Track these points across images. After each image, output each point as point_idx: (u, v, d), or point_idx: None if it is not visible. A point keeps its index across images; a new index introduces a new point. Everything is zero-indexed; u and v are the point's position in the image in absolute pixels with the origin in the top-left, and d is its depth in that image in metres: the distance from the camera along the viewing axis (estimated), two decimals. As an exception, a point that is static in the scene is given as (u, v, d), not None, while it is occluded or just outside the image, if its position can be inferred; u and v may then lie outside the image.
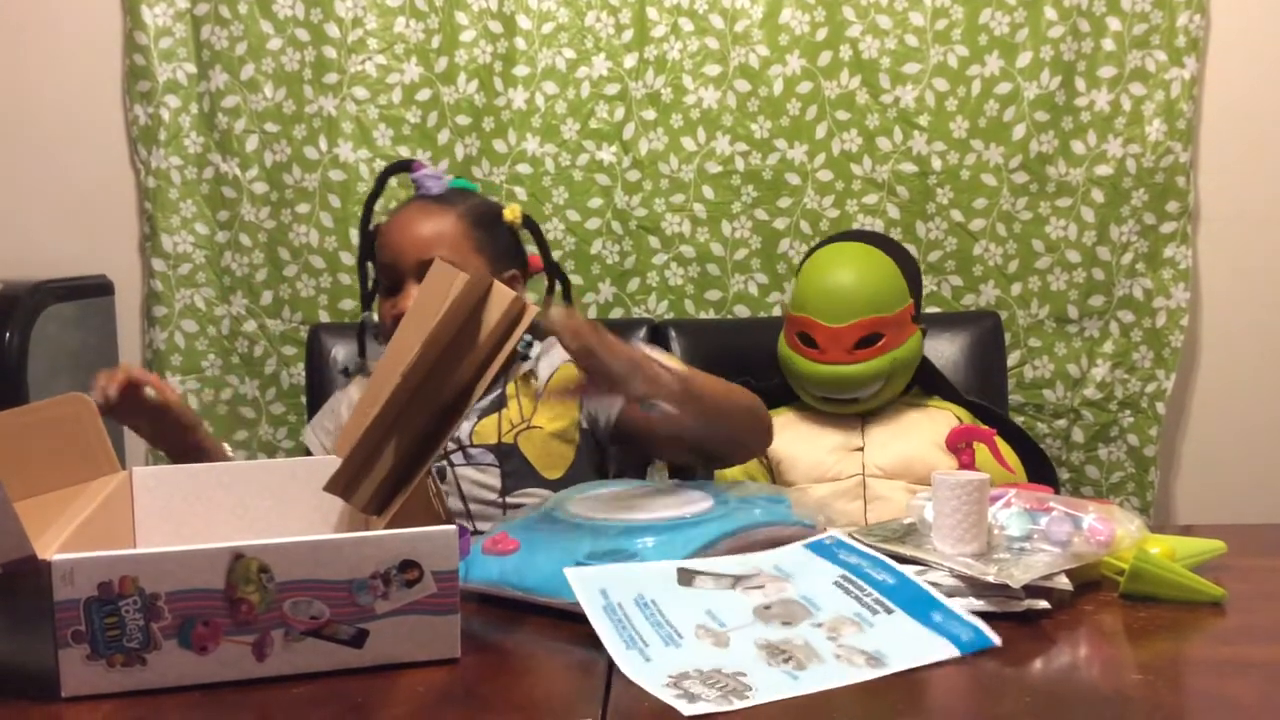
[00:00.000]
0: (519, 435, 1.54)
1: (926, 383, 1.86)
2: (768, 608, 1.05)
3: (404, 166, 1.61)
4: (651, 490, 1.34)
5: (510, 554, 1.19)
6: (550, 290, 1.68)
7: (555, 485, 1.54)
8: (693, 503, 1.25)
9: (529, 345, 1.60)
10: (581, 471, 1.57)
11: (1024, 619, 1.09)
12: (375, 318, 1.61)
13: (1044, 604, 1.11)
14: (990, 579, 1.10)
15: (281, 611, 0.96)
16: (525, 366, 1.59)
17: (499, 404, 1.57)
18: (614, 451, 1.62)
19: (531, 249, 1.68)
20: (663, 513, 1.22)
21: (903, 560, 1.17)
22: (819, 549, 1.17)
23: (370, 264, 1.63)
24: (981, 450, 1.58)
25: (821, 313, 1.72)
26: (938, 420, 1.77)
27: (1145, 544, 1.18)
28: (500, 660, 1.05)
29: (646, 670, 0.94)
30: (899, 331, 1.73)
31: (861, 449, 1.75)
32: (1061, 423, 2.28)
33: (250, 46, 2.22)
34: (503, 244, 1.60)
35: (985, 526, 1.18)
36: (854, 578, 1.10)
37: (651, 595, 1.06)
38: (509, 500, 1.54)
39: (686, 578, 1.10)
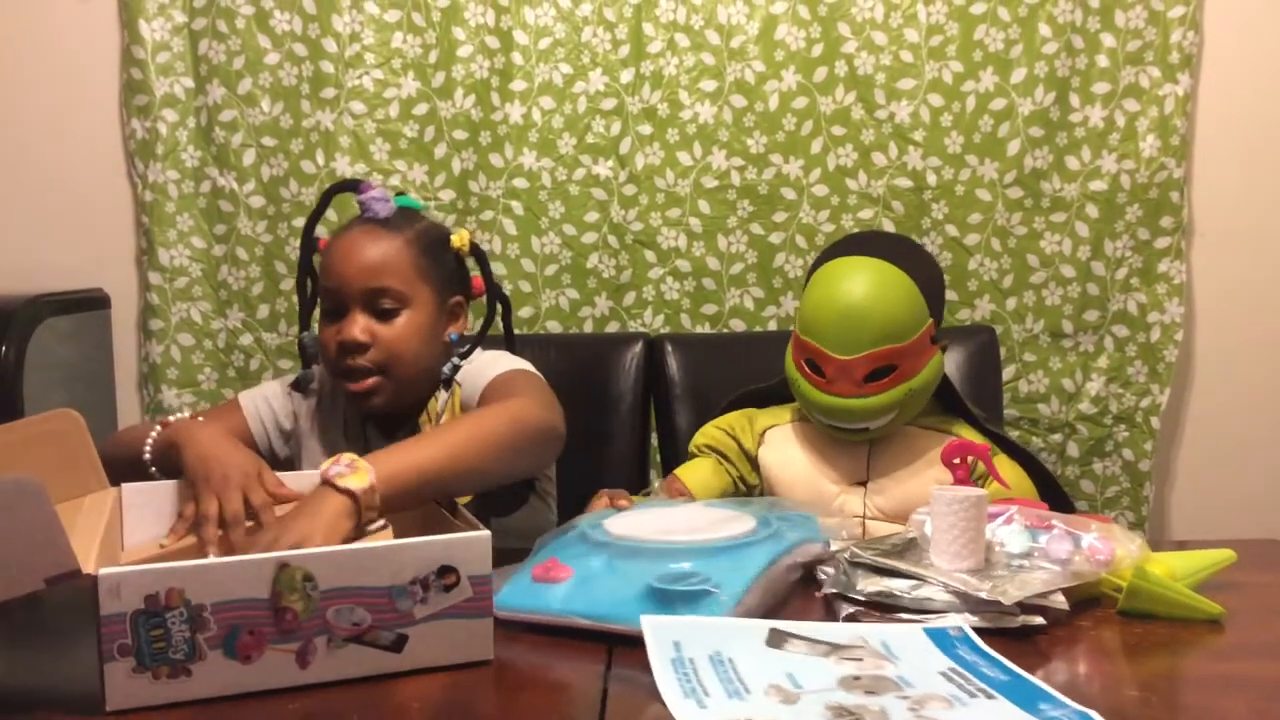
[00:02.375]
0: None
1: (944, 399, 1.70)
2: (856, 678, 0.98)
3: (351, 186, 1.55)
4: (685, 509, 1.32)
5: (564, 581, 1.15)
6: (491, 314, 1.62)
7: (465, 508, 1.50)
8: (734, 521, 1.24)
9: (455, 369, 1.53)
10: (488, 496, 1.51)
11: (1019, 635, 1.09)
12: (308, 339, 1.56)
13: (1039, 620, 1.11)
14: (984, 595, 1.10)
15: (325, 619, 0.97)
16: (443, 396, 1.55)
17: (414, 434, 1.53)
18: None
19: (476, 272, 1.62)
20: (710, 534, 1.20)
21: (898, 575, 1.17)
22: (937, 637, 1.07)
23: (309, 282, 1.57)
24: (977, 466, 1.56)
25: (829, 342, 1.54)
26: None
27: (1146, 563, 1.18)
28: (492, 676, 1.05)
29: (699, 714, 0.91)
30: (915, 360, 1.54)
31: (864, 483, 1.62)
32: (1057, 437, 2.29)
33: (248, 61, 2.23)
34: (448, 270, 1.55)
35: (983, 543, 1.18)
36: (963, 670, 1.00)
37: (730, 654, 1.01)
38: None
39: (777, 639, 1.05)
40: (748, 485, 1.69)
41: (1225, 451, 2.35)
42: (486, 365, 1.53)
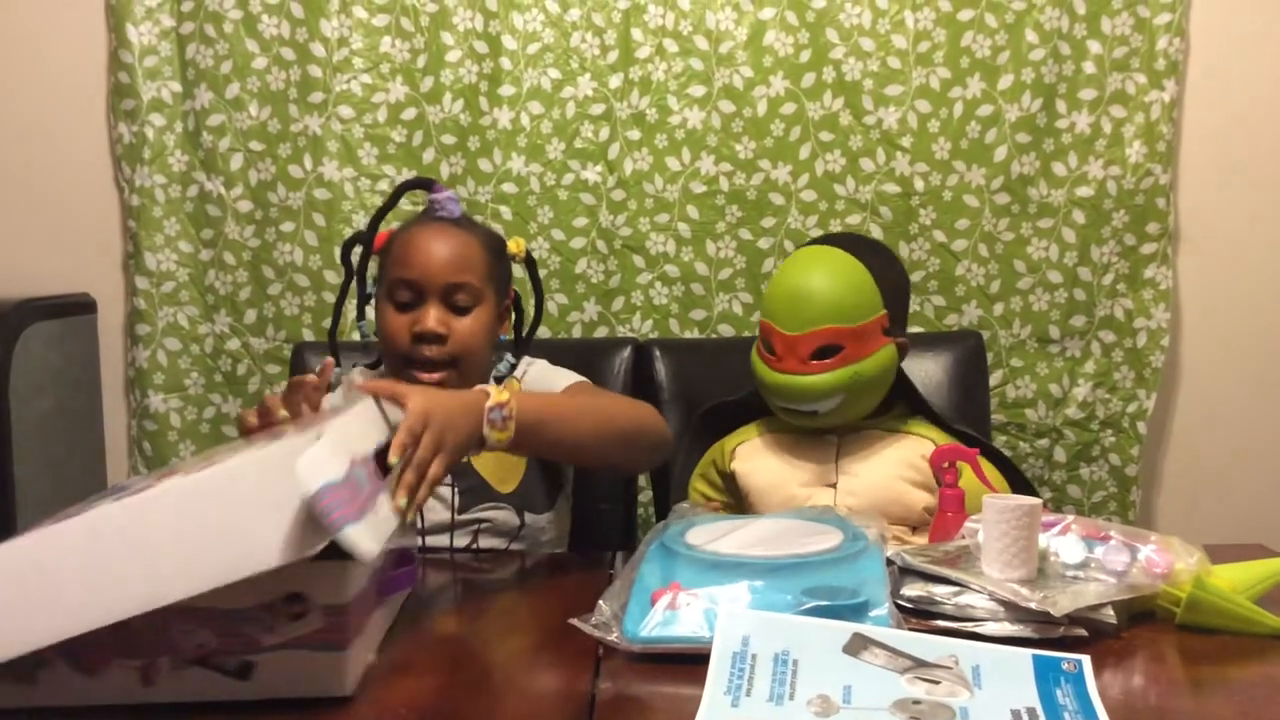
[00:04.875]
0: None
1: (910, 403, 1.77)
2: (916, 702, 0.94)
3: (424, 184, 1.61)
4: (756, 525, 1.28)
5: (693, 606, 1.09)
6: (538, 318, 1.71)
7: (508, 499, 1.55)
8: (818, 533, 1.22)
9: (512, 367, 1.63)
10: (533, 483, 1.58)
11: (1062, 645, 1.07)
12: (369, 328, 1.61)
13: (1081, 632, 1.09)
14: (1033, 606, 1.08)
15: (170, 638, 0.94)
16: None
17: None
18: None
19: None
20: (818, 546, 1.18)
21: (945, 583, 1.16)
22: (1045, 667, 1.00)
23: (357, 274, 1.62)
24: (965, 470, 1.57)
25: (780, 319, 1.63)
26: (912, 452, 1.67)
27: (1206, 576, 1.15)
28: (479, 682, 1.04)
29: (722, 713, 0.91)
30: (863, 344, 1.61)
31: (834, 485, 1.65)
32: (1044, 442, 2.29)
33: (235, 65, 2.23)
34: (506, 274, 1.63)
35: (1035, 552, 1.17)
36: (1041, 712, 0.93)
37: (798, 655, 0.99)
38: (459, 517, 1.53)
39: (857, 645, 1.00)
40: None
41: (1212, 456, 2.36)
42: (549, 372, 1.63)
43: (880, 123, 2.23)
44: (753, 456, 1.71)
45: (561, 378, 1.62)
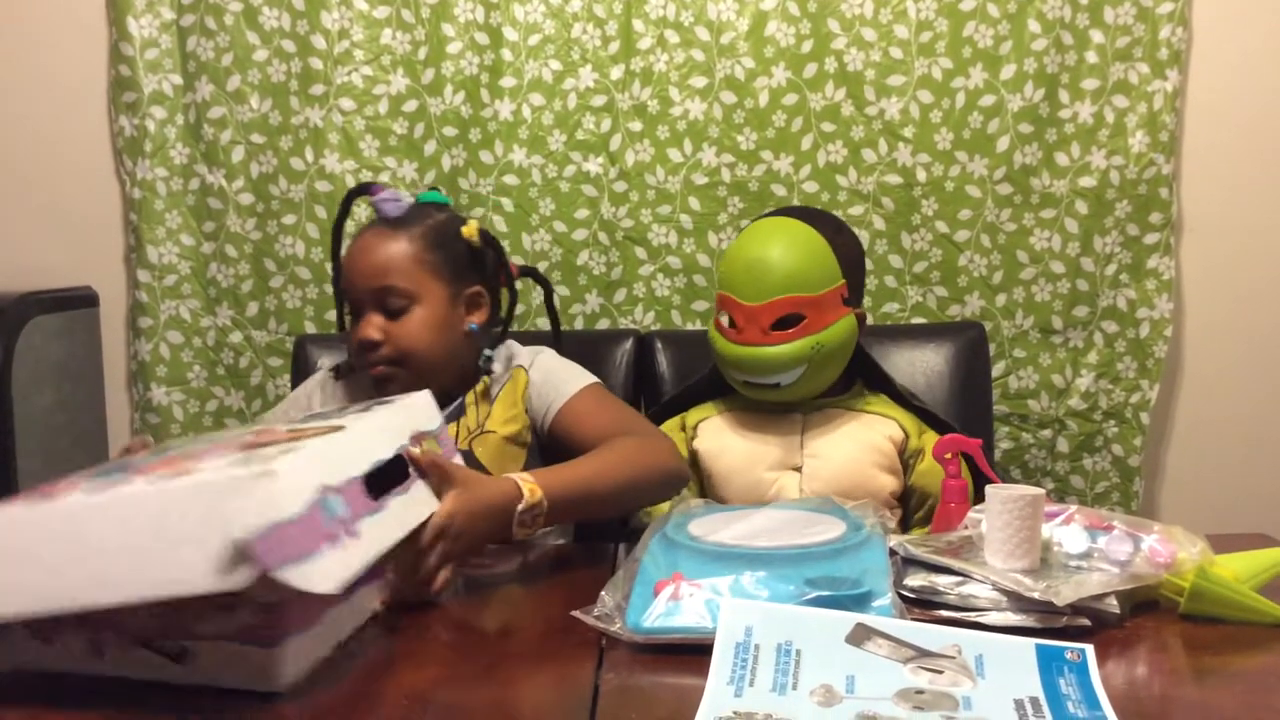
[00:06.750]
0: (473, 441, 1.54)
1: (870, 379, 1.76)
2: (919, 691, 0.93)
3: (364, 191, 1.59)
4: (757, 515, 1.28)
5: (697, 597, 1.09)
6: (513, 303, 1.67)
7: None
8: (822, 523, 1.22)
9: (489, 360, 1.61)
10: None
11: (1065, 635, 1.06)
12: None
13: (1084, 622, 1.09)
14: (1036, 595, 1.08)
15: (114, 615, 0.94)
16: (501, 380, 1.61)
17: (457, 413, 1.57)
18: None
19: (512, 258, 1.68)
20: (825, 534, 1.18)
21: (948, 573, 1.16)
22: (1048, 656, 0.99)
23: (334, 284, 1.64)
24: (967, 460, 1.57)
25: (739, 290, 1.62)
26: (877, 434, 1.67)
27: (1209, 565, 1.15)
28: (484, 672, 1.05)
29: (726, 702, 0.91)
30: (823, 313, 1.61)
31: (799, 469, 1.65)
32: (1046, 433, 2.29)
33: (236, 58, 2.22)
34: (462, 261, 1.58)
35: (1038, 542, 1.16)
36: (1043, 702, 0.92)
37: (801, 645, 0.99)
38: None
39: (860, 636, 1.00)
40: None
41: (1214, 446, 2.36)
42: (564, 371, 1.61)
43: (882, 113, 2.22)
44: (715, 435, 1.71)
45: (570, 380, 1.58)
